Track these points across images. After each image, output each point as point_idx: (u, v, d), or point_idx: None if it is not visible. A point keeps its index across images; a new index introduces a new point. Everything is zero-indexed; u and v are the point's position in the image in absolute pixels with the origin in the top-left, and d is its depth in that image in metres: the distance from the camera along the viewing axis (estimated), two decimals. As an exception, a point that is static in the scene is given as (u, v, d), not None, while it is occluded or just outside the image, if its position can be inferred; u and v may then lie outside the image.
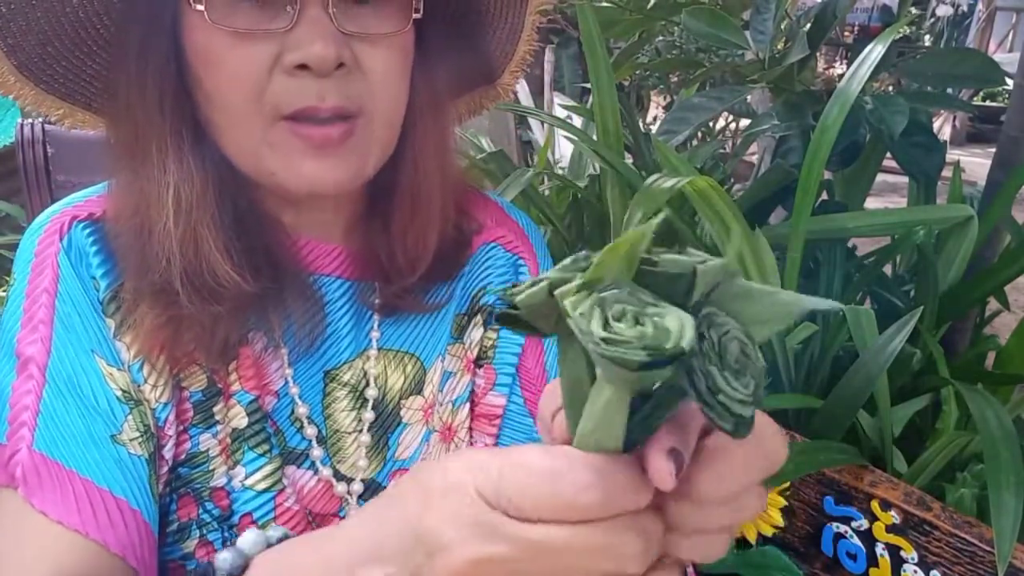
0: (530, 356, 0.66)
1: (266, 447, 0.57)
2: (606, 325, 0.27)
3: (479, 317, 0.67)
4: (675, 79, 3.69)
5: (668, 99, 4.11)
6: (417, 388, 0.64)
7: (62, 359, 0.52)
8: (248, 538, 0.43)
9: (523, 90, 2.33)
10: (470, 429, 0.67)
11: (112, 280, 0.54)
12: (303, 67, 0.49)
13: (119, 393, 0.53)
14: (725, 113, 1.95)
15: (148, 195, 0.52)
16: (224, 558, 0.42)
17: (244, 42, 0.49)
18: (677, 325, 0.26)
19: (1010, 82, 1.34)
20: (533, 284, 0.30)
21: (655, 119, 4.43)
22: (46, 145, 1.41)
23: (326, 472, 0.60)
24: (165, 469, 0.55)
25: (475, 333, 0.66)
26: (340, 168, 0.52)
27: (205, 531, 0.57)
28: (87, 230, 0.55)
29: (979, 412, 0.96)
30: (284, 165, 0.52)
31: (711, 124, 3.39)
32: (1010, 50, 8.64)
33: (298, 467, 0.59)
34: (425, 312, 0.64)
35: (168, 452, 0.55)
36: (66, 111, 0.59)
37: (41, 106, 0.58)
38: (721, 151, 2.70)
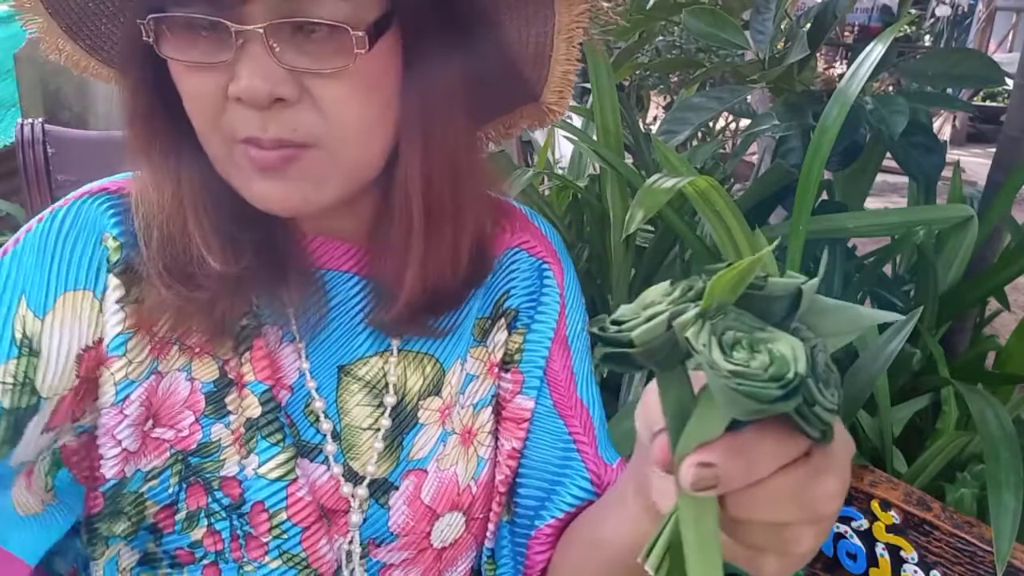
0: (557, 359, 0.66)
1: (279, 436, 0.58)
2: (725, 355, 0.27)
3: (503, 321, 0.66)
4: (675, 79, 3.70)
5: (668, 99, 4.12)
6: (436, 389, 0.64)
7: None
8: None
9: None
10: (496, 432, 0.67)
11: (130, 252, 0.56)
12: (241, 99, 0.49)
13: (18, 335, 0.52)
14: (725, 113, 1.95)
15: (147, 181, 0.55)
16: None
17: (195, 72, 0.50)
18: (790, 351, 0.28)
19: (1010, 82, 1.34)
20: (648, 320, 0.30)
21: (655, 119, 4.44)
22: (46, 145, 1.41)
23: (337, 469, 0.60)
24: (118, 450, 0.55)
25: (499, 336, 0.66)
26: (289, 192, 0.52)
27: (213, 520, 0.57)
28: (112, 200, 0.57)
29: (979, 412, 0.96)
30: (241, 183, 0.53)
31: (711, 124, 3.40)
32: (1010, 50, 8.66)
33: (311, 461, 0.60)
34: (434, 336, 0.64)
35: (123, 433, 0.55)
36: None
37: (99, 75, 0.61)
38: (721, 151, 2.70)
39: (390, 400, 0.62)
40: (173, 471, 0.57)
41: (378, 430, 0.61)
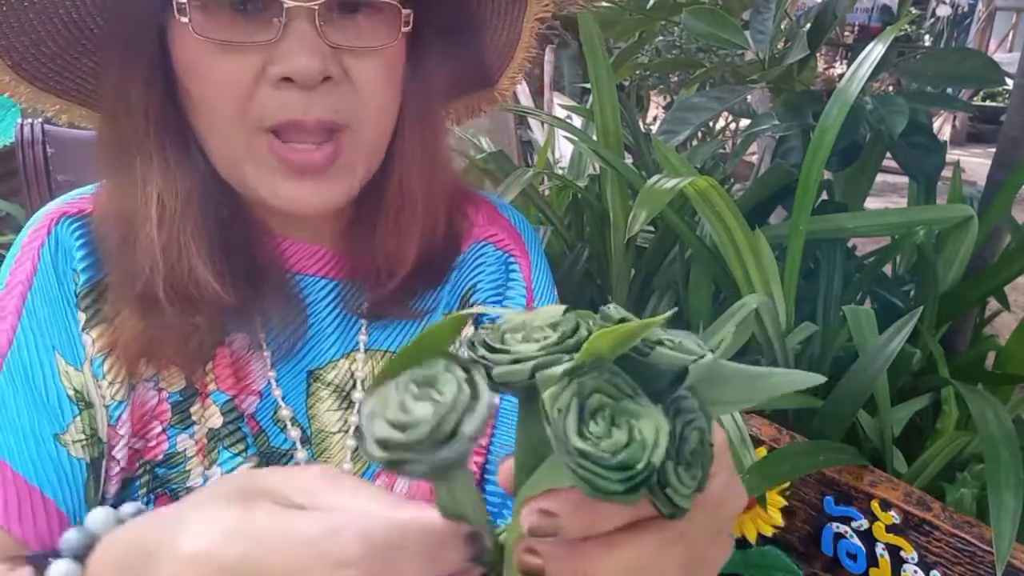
0: None
1: (241, 446, 0.58)
2: (581, 424, 0.26)
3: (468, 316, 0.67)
4: (675, 79, 3.69)
5: (668, 99, 4.11)
6: None
7: (21, 349, 0.53)
8: (97, 516, 0.39)
9: (523, 90, 2.34)
10: None
11: (93, 274, 0.55)
12: (288, 80, 0.48)
13: (71, 392, 0.53)
14: (725, 113, 1.95)
15: (132, 202, 0.53)
16: (69, 537, 0.38)
17: (230, 53, 0.49)
18: (652, 434, 0.26)
19: (1010, 82, 1.34)
20: (516, 361, 0.28)
21: (655, 119, 4.43)
22: (46, 145, 1.41)
23: None
24: (117, 469, 0.55)
25: (465, 332, 0.66)
26: (324, 191, 0.52)
27: None
28: (75, 225, 0.56)
29: (979, 412, 0.96)
30: (263, 182, 0.52)
31: (711, 124, 3.39)
32: (1010, 50, 8.66)
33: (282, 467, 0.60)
34: (411, 318, 0.64)
35: (119, 452, 0.55)
36: (62, 107, 0.59)
37: (37, 103, 0.58)
38: (721, 151, 2.70)
39: (359, 396, 0.62)
40: (142, 482, 0.57)
41: (347, 430, 0.61)
